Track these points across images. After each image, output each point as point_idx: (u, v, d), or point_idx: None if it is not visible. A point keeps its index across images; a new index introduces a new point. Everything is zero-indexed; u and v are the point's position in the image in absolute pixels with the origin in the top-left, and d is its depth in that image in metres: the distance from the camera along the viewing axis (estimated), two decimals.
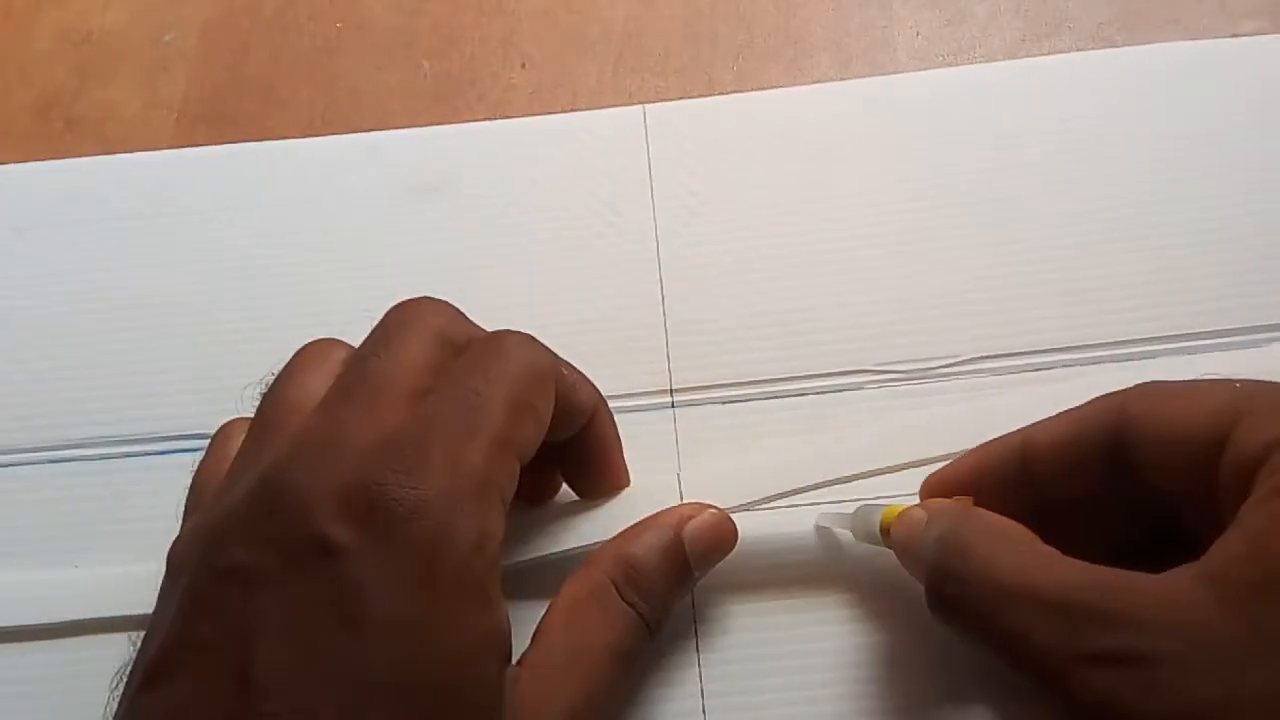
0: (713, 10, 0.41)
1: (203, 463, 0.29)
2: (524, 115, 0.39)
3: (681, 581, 0.28)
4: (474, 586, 0.23)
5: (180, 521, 0.28)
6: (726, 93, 0.39)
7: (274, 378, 0.28)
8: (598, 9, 0.41)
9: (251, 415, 0.27)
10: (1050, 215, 0.35)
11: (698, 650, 0.29)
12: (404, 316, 0.27)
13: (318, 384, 0.26)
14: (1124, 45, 0.38)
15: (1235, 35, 0.38)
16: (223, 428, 0.29)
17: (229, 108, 0.40)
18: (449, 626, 0.23)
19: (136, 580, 0.28)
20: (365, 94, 0.40)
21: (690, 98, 0.39)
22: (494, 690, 0.23)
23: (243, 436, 0.27)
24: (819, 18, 0.40)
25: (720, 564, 0.29)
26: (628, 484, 0.30)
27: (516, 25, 0.41)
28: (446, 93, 0.40)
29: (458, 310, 0.28)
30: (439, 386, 0.25)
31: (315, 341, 0.28)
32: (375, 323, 0.27)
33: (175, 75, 0.41)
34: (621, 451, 0.30)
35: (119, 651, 0.26)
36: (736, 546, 0.29)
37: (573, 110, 0.39)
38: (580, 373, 0.28)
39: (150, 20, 0.43)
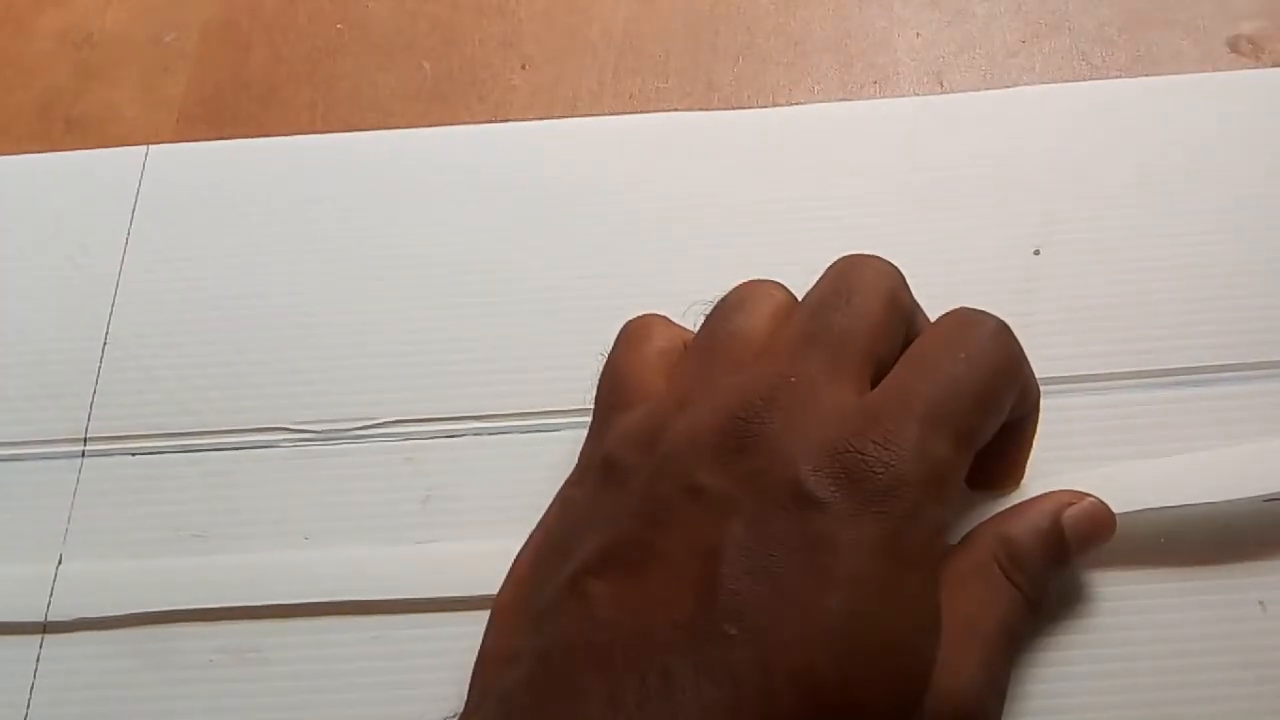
0: (713, 12, 0.41)
1: (620, 354, 0.29)
2: (524, 117, 0.39)
3: (1060, 564, 0.28)
4: (930, 570, 0.24)
5: (591, 415, 0.29)
6: (725, 94, 0.39)
7: (720, 302, 0.28)
8: (598, 10, 0.41)
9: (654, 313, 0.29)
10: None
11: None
12: (860, 272, 0.27)
13: (765, 323, 0.27)
14: (1123, 45, 0.38)
15: (1235, 35, 0.38)
16: (635, 322, 0.30)
17: (229, 108, 0.40)
18: (907, 602, 0.24)
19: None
20: (365, 94, 0.40)
21: (690, 99, 0.39)
22: (930, 668, 0.24)
23: (665, 339, 0.28)
24: (819, 19, 0.40)
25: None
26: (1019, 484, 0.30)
27: (517, 26, 0.41)
28: (446, 93, 0.40)
29: (901, 274, 0.28)
30: (915, 361, 0.26)
31: (758, 281, 0.29)
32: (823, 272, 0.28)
33: (175, 75, 0.41)
34: (1029, 452, 0.29)
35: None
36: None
37: (574, 114, 0.39)
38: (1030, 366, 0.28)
39: (150, 20, 0.42)
